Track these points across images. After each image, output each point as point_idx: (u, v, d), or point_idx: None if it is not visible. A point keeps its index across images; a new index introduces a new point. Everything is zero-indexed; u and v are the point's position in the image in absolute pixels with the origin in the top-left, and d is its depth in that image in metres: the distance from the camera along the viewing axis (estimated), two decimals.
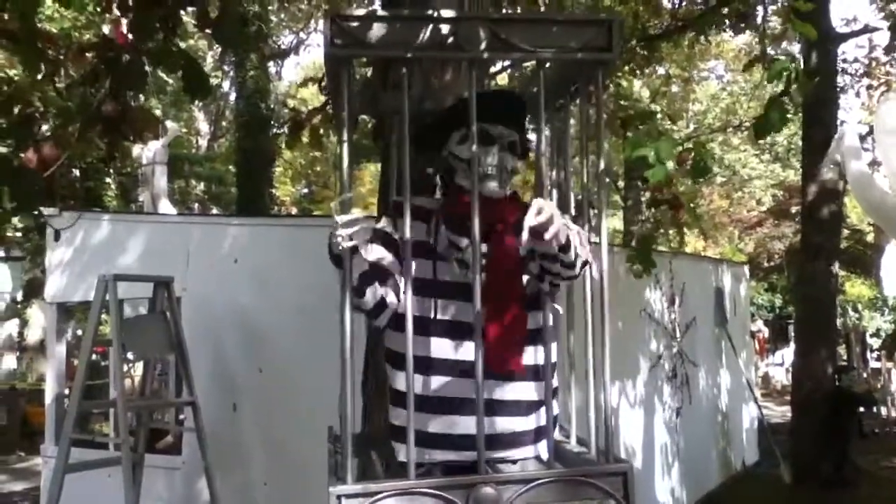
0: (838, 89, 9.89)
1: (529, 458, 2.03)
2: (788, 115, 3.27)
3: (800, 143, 9.85)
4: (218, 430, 4.19)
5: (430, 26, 1.86)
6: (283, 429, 4.27)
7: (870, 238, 18.67)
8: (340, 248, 1.76)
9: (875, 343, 13.94)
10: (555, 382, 2.04)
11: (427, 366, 1.95)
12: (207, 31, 3.20)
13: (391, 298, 1.96)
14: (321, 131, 4.25)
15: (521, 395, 1.99)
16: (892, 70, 12.13)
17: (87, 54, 3.42)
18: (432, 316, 1.97)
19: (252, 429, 4.40)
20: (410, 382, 1.81)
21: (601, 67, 1.95)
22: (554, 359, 2.03)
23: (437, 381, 1.96)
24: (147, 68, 3.26)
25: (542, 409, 1.99)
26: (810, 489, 7.37)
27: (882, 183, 3.85)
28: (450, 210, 2.04)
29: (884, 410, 10.82)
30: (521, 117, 2.17)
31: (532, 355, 2.01)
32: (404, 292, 1.93)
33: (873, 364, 12.91)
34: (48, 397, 4.82)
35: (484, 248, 1.92)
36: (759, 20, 7.40)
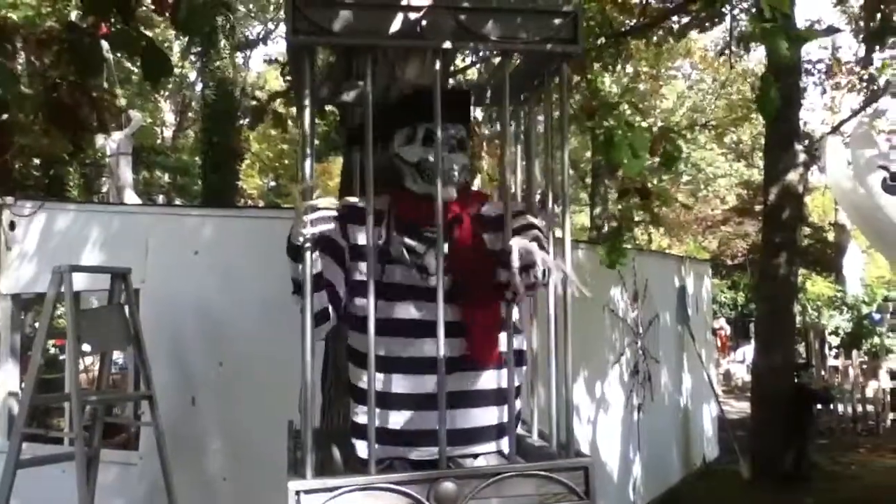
0: (801, 89, 10.04)
1: (491, 452, 2.02)
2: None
3: (763, 141, 9.98)
4: (176, 425, 4.12)
5: (396, 14, 1.83)
6: (242, 423, 4.21)
7: (831, 237, 19.05)
8: (302, 236, 1.74)
9: (834, 341, 14.19)
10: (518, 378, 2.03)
11: (387, 365, 1.92)
12: (165, 14, 3.12)
13: (332, 312, 1.96)
14: (284, 114, 4.18)
15: (483, 384, 1.97)
16: (857, 69, 12.35)
17: (49, 44, 3.34)
18: (389, 317, 1.94)
19: (211, 423, 4.33)
20: (372, 380, 1.79)
21: (566, 59, 1.94)
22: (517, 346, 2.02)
23: (398, 379, 1.94)
24: (108, 54, 3.19)
25: (505, 406, 1.97)
26: (769, 485, 7.47)
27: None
28: (402, 215, 2.02)
29: (841, 407, 11.02)
30: (465, 110, 2.15)
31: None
32: (357, 308, 1.95)
33: (832, 362, 13.13)
34: (1, 391, 4.70)
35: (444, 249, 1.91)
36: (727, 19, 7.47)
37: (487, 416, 1.98)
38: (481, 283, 1.95)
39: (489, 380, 1.98)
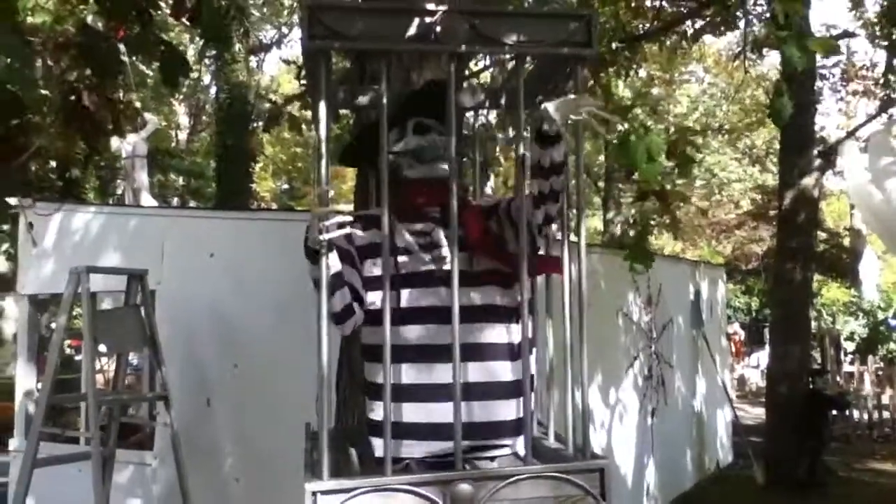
0: (816, 94, 9.99)
1: (507, 454, 2.02)
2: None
3: (777, 146, 9.94)
4: (191, 426, 4.14)
5: (411, 19, 1.84)
6: (256, 424, 4.23)
7: (846, 242, 18.90)
8: (318, 242, 1.76)
9: (849, 346, 14.09)
10: (533, 368, 2.04)
11: (400, 355, 1.93)
12: (183, 20, 3.15)
13: (357, 309, 1.99)
14: (298, 117, 4.21)
15: (498, 376, 1.98)
16: (871, 74, 12.28)
17: (67, 48, 3.37)
18: (400, 306, 1.97)
19: (226, 424, 4.35)
20: (387, 375, 1.80)
21: (581, 63, 1.94)
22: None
23: (411, 369, 1.95)
24: (124, 58, 3.21)
25: (520, 399, 1.97)
26: (783, 490, 7.43)
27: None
28: (403, 206, 2.05)
29: (856, 413, 10.94)
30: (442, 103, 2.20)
31: (507, 335, 2.01)
32: (369, 304, 1.99)
33: (847, 367, 13.04)
34: (18, 391, 4.73)
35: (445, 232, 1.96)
36: (741, 23, 7.44)
37: (503, 408, 1.98)
38: (491, 258, 2.00)
39: (504, 370, 1.99)
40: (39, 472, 3.60)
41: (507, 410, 1.98)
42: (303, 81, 4.54)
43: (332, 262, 1.85)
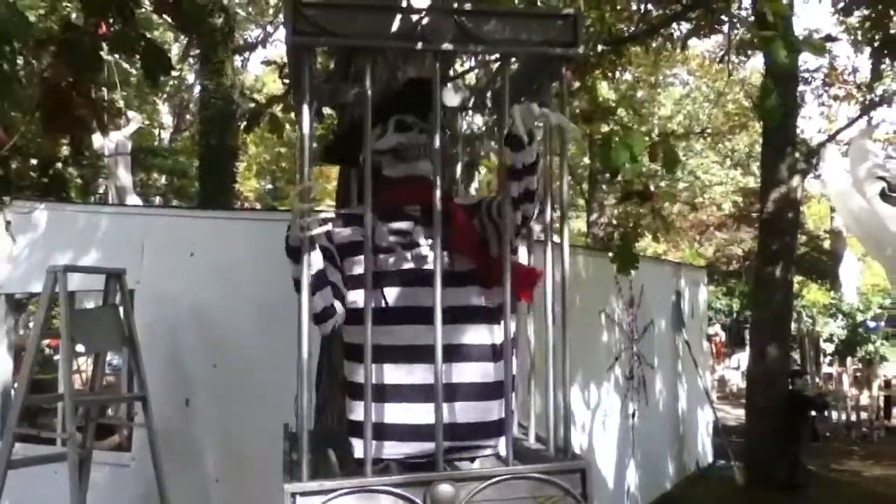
0: (798, 97, 10.07)
1: (488, 454, 2.01)
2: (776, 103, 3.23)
3: (759, 149, 10.01)
4: (170, 426, 4.10)
5: (396, 17, 1.83)
6: (236, 425, 4.20)
7: (826, 245, 19.08)
8: (299, 239, 1.74)
9: (829, 348, 14.20)
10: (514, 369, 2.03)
11: (382, 354, 1.91)
12: (164, 15, 3.12)
13: (338, 307, 1.96)
14: (280, 117, 4.19)
15: (480, 377, 1.96)
16: (852, 78, 12.42)
17: (47, 45, 3.32)
18: (382, 305, 1.95)
19: (205, 425, 4.32)
20: (368, 375, 1.78)
21: (566, 62, 1.93)
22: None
23: (393, 369, 1.93)
24: (105, 55, 3.17)
25: (501, 400, 1.96)
26: (763, 491, 7.48)
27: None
28: (384, 204, 2.02)
29: (835, 414, 11.03)
30: (428, 100, 2.18)
31: (489, 336, 1.99)
32: (350, 303, 1.97)
33: (826, 369, 13.15)
34: None
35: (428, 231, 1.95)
36: (725, 27, 7.48)
37: (484, 409, 1.96)
38: (471, 256, 1.98)
39: (487, 371, 1.97)
40: (14, 473, 3.56)
41: (489, 411, 1.97)
42: (286, 80, 4.51)
43: (315, 261, 1.82)
